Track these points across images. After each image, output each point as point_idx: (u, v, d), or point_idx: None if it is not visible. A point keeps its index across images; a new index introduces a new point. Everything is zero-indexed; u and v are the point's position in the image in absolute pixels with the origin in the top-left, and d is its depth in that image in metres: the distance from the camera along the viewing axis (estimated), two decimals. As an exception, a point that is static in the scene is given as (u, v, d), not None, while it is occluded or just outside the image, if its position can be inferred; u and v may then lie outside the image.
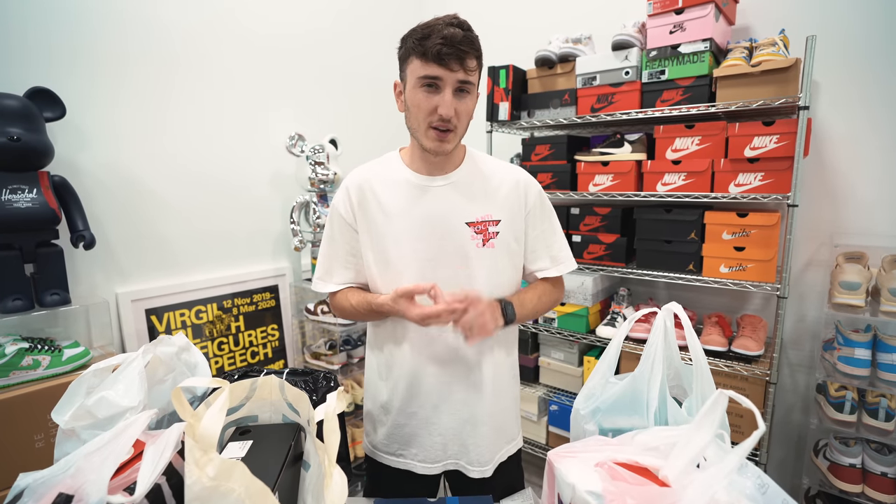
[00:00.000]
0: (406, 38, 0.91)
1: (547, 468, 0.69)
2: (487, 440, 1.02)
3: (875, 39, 1.52)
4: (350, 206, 0.99)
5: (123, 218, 1.59)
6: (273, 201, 2.02)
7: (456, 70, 0.87)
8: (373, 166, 1.03)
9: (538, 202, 1.03)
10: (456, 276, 0.96)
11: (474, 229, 0.96)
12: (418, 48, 0.87)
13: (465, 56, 0.87)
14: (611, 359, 0.89)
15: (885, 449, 1.45)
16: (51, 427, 1.23)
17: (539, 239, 1.03)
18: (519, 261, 1.03)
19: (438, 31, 0.85)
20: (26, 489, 0.59)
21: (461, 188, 0.97)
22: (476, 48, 0.89)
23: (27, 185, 1.26)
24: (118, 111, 1.56)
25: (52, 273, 1.34)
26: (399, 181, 0.98)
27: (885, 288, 1.39)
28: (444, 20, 0.87)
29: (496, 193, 0.99)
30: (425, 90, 0.89)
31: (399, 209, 0.96)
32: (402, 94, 0.95)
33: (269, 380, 0.80)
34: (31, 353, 1.25)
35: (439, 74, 0.87)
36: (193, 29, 1.72)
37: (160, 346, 0.85)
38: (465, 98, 0.91)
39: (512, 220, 0.99)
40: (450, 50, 0.85)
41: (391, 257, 0.96)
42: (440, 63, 0.86)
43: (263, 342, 1.98)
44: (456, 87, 0.88)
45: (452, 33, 0.85)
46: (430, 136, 0.91)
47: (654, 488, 0.59)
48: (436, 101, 0.88)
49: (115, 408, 0.72)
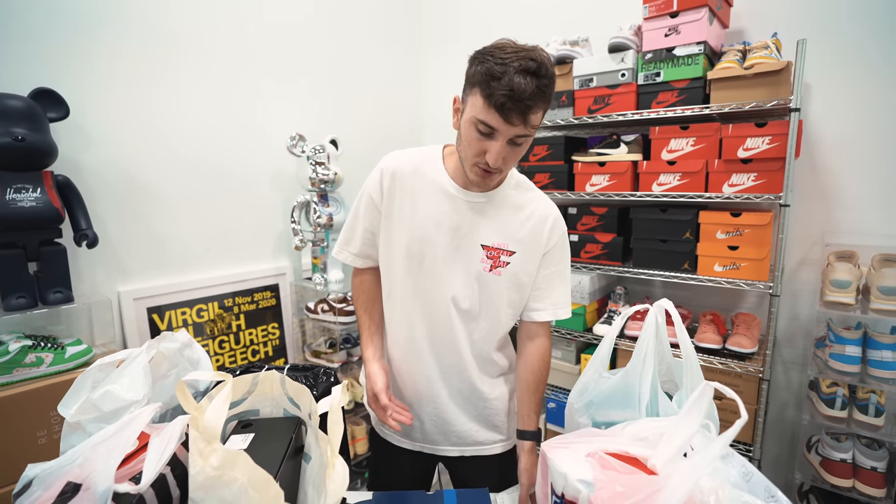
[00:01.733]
0: (477, 62, 0.82)
1: (540, 459, 0.71)
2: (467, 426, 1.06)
3: (867, 43, 1.54)
4: (381, 188, 0.99)
5: (126, 217, 1.61)
6: (274, 201, 2.04)
7: (516, 125, 0.80)
8: (413, 157, 1.00)
9: (559, 245, 1.01)
10: (453, 291, 0.97)
11: (487, 253, 0.96)
12: (485, 87, 0.79)
13: (531, 112, 0.80)
14: (604, 354, 0.91)
15: (875, 444, 1.48)
16: (53, 423, 1.25)
17: (546, 279, 1.02)
18: (524, 295, 1.01)
19: (510, 75, 0.77)
20: (35, 479, 0.61)
21: (489, 210, 0.96)
22: (547, 98, 0.81)
23: (31, 185, 1.28)
24: (121, 112, 1.58)
25: (56, 271, 1.35)
26: (433, 183, 0.97)
27: (875, 286, 1.42)
28: (521, 60, 0.77)
29: (522, 225, 0.97)
30: (479, 133, 0.83)
31: (426, 210, 0.96)
32: (459, 112, 0.89)
33: (271, 375, 0.82)
34: (34, 350, 1.27)
35: (496, 126, 0.81)
36: (196, 30, 1.74)
37: (163, 342, 0.87)
38: (519, 148, 0.86)
39: (528, 255, 0.98)
40: (514, 105, 0.78)
41: (404, 250, 0.98)
42: (501, 114, 0.79)
43: (264, 340, 2.00)
44: (511, 138, 0.83)
45: (523, 86, 0.77)
46: (475, 172, 0.89)
47: (642, 476, 0.61)
48: (486, 146, 0.84)
49: (120, 401, 0.74)
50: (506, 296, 0.99)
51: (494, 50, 0.80)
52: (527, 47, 0.81)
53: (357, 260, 1.07)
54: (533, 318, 1.03)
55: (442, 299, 0.98)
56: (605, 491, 0.59)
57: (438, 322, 0.99)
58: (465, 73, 0.85)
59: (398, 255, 0.99)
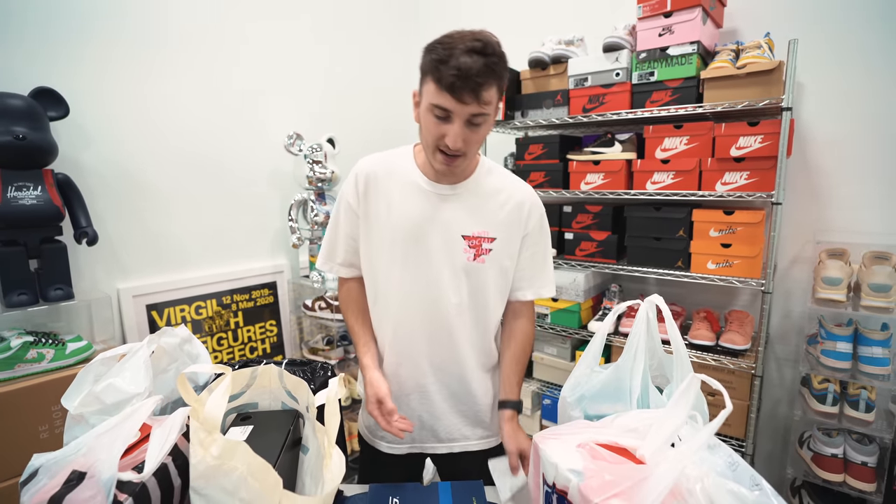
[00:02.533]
0: (428, 52, 0.85)
1: (532, 450, 0.73)
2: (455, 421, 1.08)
3: (859, 43, 1.56)
4: (357, 192, 1.01)
5: (125, 215, 1.63)
6: (272, 199, 2.06)
7: (469, 103, 0.82)
8: (385, 158, 1.02)
9: (538, 226, 1.03)
10: (440, 284, 0.98)
11: (468, 243, 0.97)
12: (434, 72, 0.82)
13: (481, 88, 0.81)
14: (596, 349, 0.93)
15: (866, 439, 1.50)
16: (55, 418, 1.26)
17: (528, 260, 1.04)
18: (508, 279, 1.04)
19: (456, 56, 0.79)
20: (41, 468, 0.62)
21: (465, 200, 0.98)
22: (497, 75, 0.83)
23: (32, 183, 1.29)
24: (120, 111, 1.59)
25: (56, 268, 1.37)
26: (407, 181, 0.99)
27: (866, 283, 1.44)
28: (466, 42, 0.80)
29: (499, 211, 0.99)
30: (436, 117, 0.85)
31: (401, 208, 0.98)
32: (418, 105, 0.91)
33: (269, 369, 0.84)
34: (35, 346, 1.28)
35: (450, 107, 0.83)
36: (193, 29, 1.75)
37: (164, 336, 0.88)
38: (478, 129, 0.87)
39: (508, 240, 1.00)
40: (463, 84, 0.79)
41: (385, 251, 0.99)
42: (453, 94, 0.81)
43: (262, 338, 2.01)
44: (467, 119, 0.84)
45: (469, 64, 0.79)
46: (438, 159, 0.90)
47: (631, 465, 0.63)
48: (445, 129, 0.86)
49: (122, 394, 0.75)
50: (493, 282, 1.01)
51: (442, 38, 0.84)
52: (474, 31, 0.84)
53: (342, 269, 1.07)
54: (518, 297, 1.06)
55: (431, 296, 0.99)
56: (595, 480, 0.61)
57: (430, 319, 1.00)
58: (419, 66, 0.88)
59: (380, 256, 1.00)
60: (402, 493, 0.87)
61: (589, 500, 0.58)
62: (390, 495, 0.86)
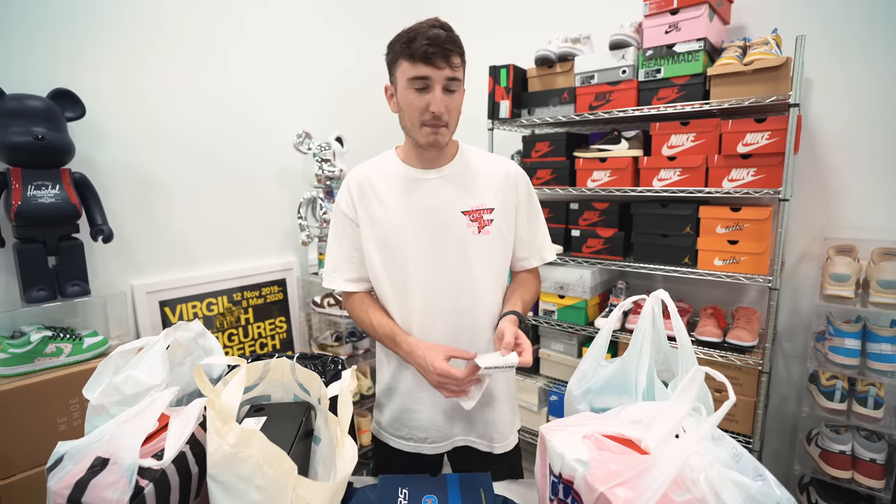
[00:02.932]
0: (392, 44, 0.96)
1: (539, 441, 0.75)
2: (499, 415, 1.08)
3: (868, 38, 1.55)
4: (351, 201, 1.04)
5: (139, 213, 1.66)
6: (281, 197, 2.09)
7: (443, 68, 0.92)
8: (370, 164, 1.08)
9: (526, 194, 1.09)
10: (454, 263, 1.01)
11: (469, 217, 1.01)
12: (405, 51, 0.92)
13: (451, 54, 0.92)
14: (601, 343, 0.94)
15: (874, 436, 1.49)
16: (73, 411, 1.30)
17: (524, 227, 1.09)
18: (510, 248, 1.09)
19: (423, 33, 0.91)
20: (66, 455, 0.65)
21: (455, 180, 1.03)
22: (459, 46, 0.95)
23: (50, 182, 1.33)
24: (134, 112, 1.62)
25: (74, 265, 1.40)
26: (395, 175, 1.03)
27: (874, 279, 1.43)
28: (427, 23, 0.93)
29: (488, 184, 1.04)
30: (416, 90, 0.93)
31: (397, 201, 1.01)
32: (393, 96, 1.00)
33: (281, 362, 0.86)
34: (54, 340, 1.32)
35: (428, 74, 0.92)
36: (206, 31, 1.78)
37: (179, 330, 0.91)
38: (454, 95, 0.96)
39: (504, 209, 1.04)
40: (435, 49, 0.90)
41: (392, 247, 1.01)
42: (428, 62, 0.91)
43: (272, 334, 2.04)
44: (444, 84, 0.93)
45: (436, 34, 0.90)
46: (425, 133, 0.96)
47: (636, 456, 0.64)
48: (427, 99, 0.93)
49: (141, 385, 0.78)
50: (500, 252, 1.06)
51: (401, 31, 0.95)
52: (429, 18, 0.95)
53: (349, 285, 1.08)
54: (523, 266, 1.13)
55: (446, 278, 1.01)
56: (600, 469, 0.62)
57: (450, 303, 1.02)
58: (386, 62, 0.99)
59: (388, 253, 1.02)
60: (410, 484, 0.89)
61: (594, 488, 0.60)
62: (399, 486, 0.88)
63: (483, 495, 0.86)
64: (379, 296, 1.08)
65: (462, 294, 1.02)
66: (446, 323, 1.03)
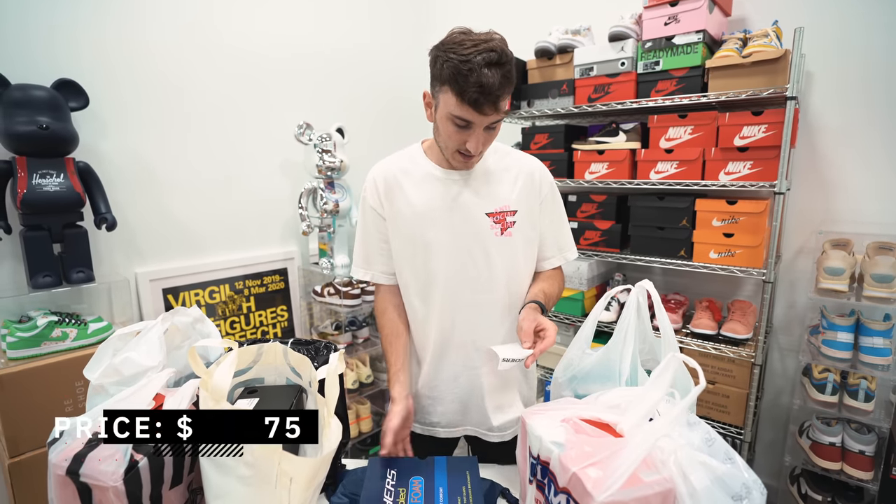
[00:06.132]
0: (441, 61, 0.86)
1: (521, 425, 0.77)
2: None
3: (868, 32, 1.54)
4: (378, 195, 1.05)
5: (142, 202, 1.69)
6: (282, 188, 2.11)
7: (490, 114, 0.87)
8: (397, 159, 1.07)
9: (550, 193, 1.08)
10: (477, 264, 1.02)
11: (493, 219, 1.02)
12: (455, 85, 0.85)
13: (500, 100, 0.87)
14: (587, 332, 0.96)
15: (864, 429, 1.51)
16: (78, 393, 1.34)
17: (549, 227, 1.09)
18: (535, 248, 1.08)
19: (476, 72, 0.82)
20: (66, 431, 0.69)
21: (480, 180, 1.02)
22: (512, 82, 0.87)
23: (55, 171, 1.36)
24: (137, 102, 1.65)
25: (78, 252, 1.44)
26: (422, 174, 1.03)
27: (868, 274, 1.44)
28: (482, 53, 0.83)
29: (514, 185, 1.03)
30: (456, 126, 0.90)
31: (423, 200, 1.02)
32: (431, 107, 0.95)
33: (274, 346, 0.89)
34: (59, 325, 1.36)
35: (471, 119, 0.87)
36: (209, 23, 1.80)
37: (177, 315, 0.94)
38: (494, 131, 0.93)
39: (529, 210, 1.04)
40: (486, 99, 0.84)
41: (417, 244, 1.03)
42: (475, 109, 0.85)
43: (273, 322, 2.08)
44: (487, 125, 0.90)
45: (490, 81, 0.83)
46: (457, 159, 0.96)
47: (610, 438, 0.66)
48: (465, 136, 0.91)
49: (139, 367, 0.81)
50: (522, 253, 1.06)
51: (454, 46, 0.85)
52: (483, 37, 0.85)
53: (382, 277, 1.09)
54: (544, 266, 1.11)
55: (468, 277, 1.03)
56: (574, 451, 0.65)
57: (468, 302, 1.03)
58: (430, 70, 0.90)
59: (413, 250, 1.04)
60: (398, 466, 0.92)
61: (567, 468, 0.62)
62: (388, 467, 0.91)
63: (469, 477, 0.89)
64: (402, 288, 1.10)
65: (483, 293, 1.03)
66: (467, 321, 1.05)
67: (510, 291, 1.05)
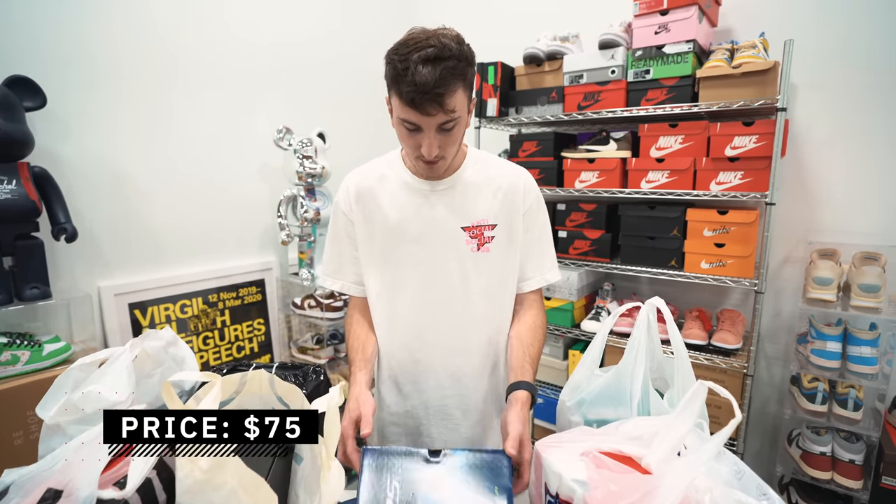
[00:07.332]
0: (387, 62, 0.81)
1: (534, 458, 0.71)
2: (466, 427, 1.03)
3: (853, 45, 1.57)
4: (349, 202, 0.99)
5: (106, 210, 1.57)
6: (260, 195, 2.01)
7: (434, 114, 0.79)
8: (374, 166, 1.02)
9: (535, 204, 1.01)
10: (450, 281, 0.96)
11: (469, 234, 0.96)
12: (395, 86, 0.80)
13: (444, 98, 0.78)
14: (596, 352, 0.92)
15: (854, 437, 1.52)
16: (30, 424, 1.21)
17: (529, 243, 1.01)
18: (514, 263, 1.00)
19: (411, 71, 0.76)
20: (12, 485, 0.59)
21: (459, 192, 0.96)
22: (458, 76, 0.79)
23: (6, 177, 1.23)
24: (102, 102, 1.53)
25: (32, 266, 1.31)
26: (399, 184, 0.97)
27: (856, 283, 1.45)
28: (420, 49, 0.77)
29: (494, 197, 0.97)
30: (407, 130, 0.84)
31: (397, 211, 0.96)
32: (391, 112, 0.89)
33: (259, 374, 0.81)
34: (9, 348, 1.23)
35: (416, 121, 0.81)
36: (183, 23, 1.69)
37: (147, 340, 0.84)
38: (450, 133, 0.85)
39: (510, 224, 0.98)
40: (423, 98, 0.77)
41: (388, 257, 0.97)
42: (416, 109, 0.79)
43: (249, 336, 1.97)
44: (438, 127, 0.82)
45: (426, 77, 0.75)
46: (420, 166, 0.91)
47: (637, 475, 0.61)
48: (418, 140, 0.85)
49: (103, 402, 0.71)
50: (500, 270, 0.98)
51: (399, 46, 0.80)
52: (429, 32, 0.80)
53: (353, 287, 1.04)
54: (523, 288, 1.03)
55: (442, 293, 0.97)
56: (600, 490, 0.59)
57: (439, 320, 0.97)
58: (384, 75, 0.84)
59: (385, 262, 0.98)
60: None
61: (595, 512, 0.57)
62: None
63: None
64: (370, 303, 1.03)
65: (455, 310, 0.97)
66: (437, 341, 0.98)
67: (487, 311, 0.99)
